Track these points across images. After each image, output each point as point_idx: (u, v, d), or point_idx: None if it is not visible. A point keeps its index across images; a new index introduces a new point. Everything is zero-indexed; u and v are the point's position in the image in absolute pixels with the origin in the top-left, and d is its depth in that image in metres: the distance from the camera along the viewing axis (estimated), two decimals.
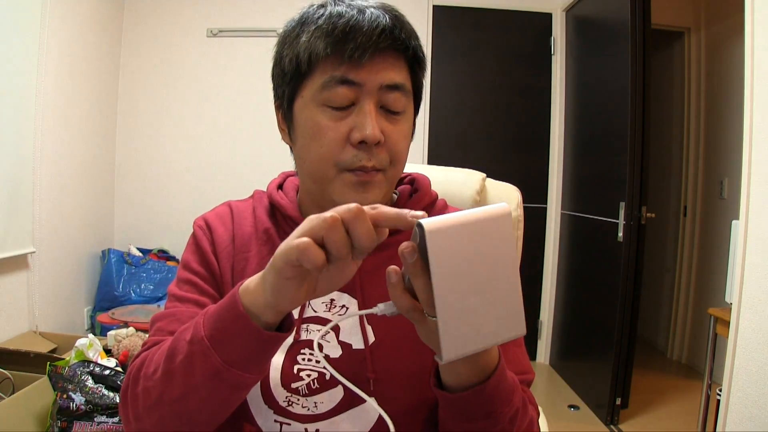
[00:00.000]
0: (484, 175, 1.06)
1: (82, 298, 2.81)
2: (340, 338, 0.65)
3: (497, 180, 1.08)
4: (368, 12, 0.61)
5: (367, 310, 0.51)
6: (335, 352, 0.65)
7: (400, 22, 0.63)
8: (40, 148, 2.32)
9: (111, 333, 1.93)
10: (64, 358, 1.78)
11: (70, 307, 2.69)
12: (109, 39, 2.98)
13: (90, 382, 1.60)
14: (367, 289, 0.67)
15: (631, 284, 2.47)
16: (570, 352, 3.10)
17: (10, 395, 1.61)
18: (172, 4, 3.12)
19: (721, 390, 1.60)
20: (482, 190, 1.03)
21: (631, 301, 2.49)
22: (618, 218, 2.50)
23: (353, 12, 0.61)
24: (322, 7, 0.64)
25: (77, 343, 1.75)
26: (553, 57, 3.22)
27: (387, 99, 0.63)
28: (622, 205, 2.47)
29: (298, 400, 0.64)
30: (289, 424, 0.64)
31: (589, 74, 2.98)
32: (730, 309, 1.59)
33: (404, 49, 0.64)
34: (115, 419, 1.58)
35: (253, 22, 3.09)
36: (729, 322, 1.58)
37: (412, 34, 0.65)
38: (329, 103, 0.62)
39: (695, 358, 3.27)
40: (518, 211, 1.02)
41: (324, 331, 0.56)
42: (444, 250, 0.42)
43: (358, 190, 0.63)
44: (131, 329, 1.95)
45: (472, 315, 0.44)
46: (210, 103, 3.14)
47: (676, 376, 3.19)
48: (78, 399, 1.57)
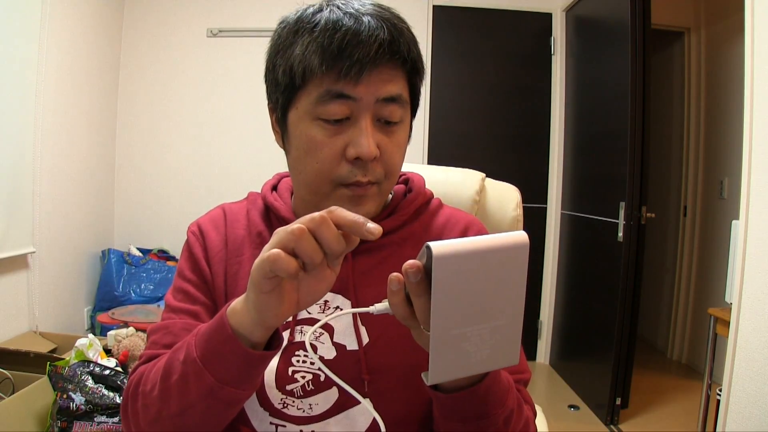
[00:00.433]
0: (484, 175, 1.06)
1: (82, 298, 2.81)
2: (335, 339, 0.66)
3: (497, 180, 1.09)
4: (365, 22, 0.59)
5: (361, 309, 0.51)
6: (330, 354, 0.65)
7: (398, 31, 0.61)
8: (40, 148, 2.32)
9: (111, 333, 1.94)
10: (64, 358, 1.78)
11: (70, 307, 2.70)
12: (109, 39, 2.98)
13: (90, 382, 1.60)
14: (361, 290, 0.67)
15: (631, 284, 2.47)
16: (570, 352, 3.10)
17: (10, 395, 1.60)
18: (172, 4, 3.12)
19: (721, 390, 1.60)
20: (482, 190, 1.03)
21: (631, 301, 2.49)
22: (618, 218, 2.50)
23: (350, 22, 0.58)
24: (318, 12, 0.61)
25: (77, 343, 1.76)
26: (553, 57, 3.21)
27: (384, 111, 0.62)
28: (622, 205, 2.47)
29: (293, 402, 0.64)
30: (284, 426, 0.64)
31: (589, 74, 2.97)
32: (730, 309, 1.59)
33: (403, 62, 0.62)
34: (115, 419, 1.58)
35: (253, 22, 3.09)
36: (729, 322, 1.58)
37: (412, 42, 0.63)
38: (324, 117, 0.61)
39: (695, 358, 3.26)
40: (518, 211, 1.02)
41: (313, 330, 0.56)
42: (449, 277, 0.41)
43: (353, 204, 0.64)
44: (131, 329, 1.95)
45: (467, 343, 0.44)
46: (210, 102, 3.14)
47: (676, 376, 3.18)
48: (78, 399, 1.57)
